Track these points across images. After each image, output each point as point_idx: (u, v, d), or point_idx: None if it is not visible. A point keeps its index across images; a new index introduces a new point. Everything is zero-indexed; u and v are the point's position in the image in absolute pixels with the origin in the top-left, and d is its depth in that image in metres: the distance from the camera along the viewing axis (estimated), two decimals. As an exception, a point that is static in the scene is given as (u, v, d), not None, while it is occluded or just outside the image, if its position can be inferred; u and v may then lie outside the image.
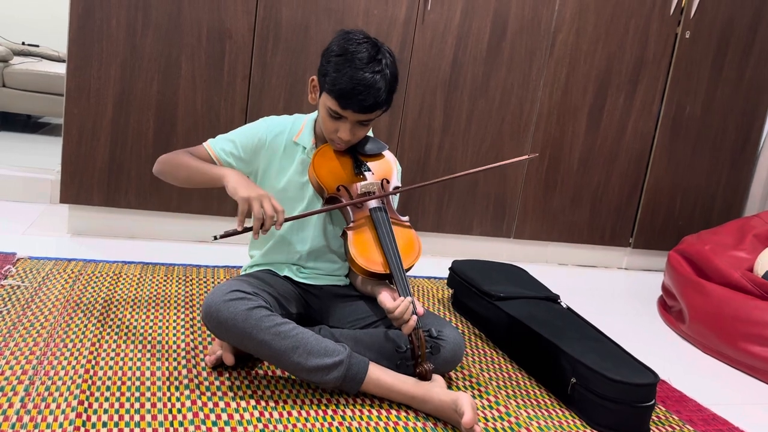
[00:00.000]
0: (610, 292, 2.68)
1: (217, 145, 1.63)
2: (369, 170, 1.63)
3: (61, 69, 3.94)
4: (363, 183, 1.59)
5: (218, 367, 1.51)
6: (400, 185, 1.67)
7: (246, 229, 1.41)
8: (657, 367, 1.63)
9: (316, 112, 1.69)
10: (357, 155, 1.64)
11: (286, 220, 1.47)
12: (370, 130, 1.72)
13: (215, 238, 1.41)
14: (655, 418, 1.60)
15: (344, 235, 1.55)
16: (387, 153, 1.70)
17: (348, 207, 1.57)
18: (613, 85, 2.77)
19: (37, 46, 4.56)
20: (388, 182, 1.64)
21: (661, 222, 3.01)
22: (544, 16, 2.62)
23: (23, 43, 4.51)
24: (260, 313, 1.39)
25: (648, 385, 1.49)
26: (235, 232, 1.40)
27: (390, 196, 1.64)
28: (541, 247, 2.92)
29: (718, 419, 1.66)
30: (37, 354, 1.46)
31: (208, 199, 2.42)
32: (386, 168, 1.66)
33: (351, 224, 1.56)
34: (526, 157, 1.66)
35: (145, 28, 2.24)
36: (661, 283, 2.57)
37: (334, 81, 1.47)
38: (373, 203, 1.58)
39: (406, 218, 1.63)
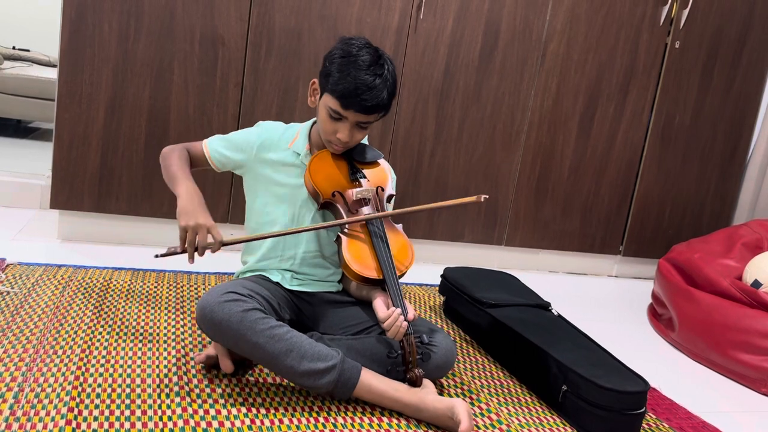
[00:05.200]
0: (601, 299, 2.69)
1: (212, 145, 1.69)
2: (364, 177, 1.64)
3: (51, 74, 3.92)
4: (358, 189, 1.61)
5: (210, 372, 1.51)
6: (394, 193, 1.69)
7: (182, 251, 1.45)
8: (647, 374, 1.64)
9: (311, 120, 1.70)
10: (353, 162, 1.66)
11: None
12: (365, 138, 1.73)
13: (156, 256, 1.47)
14: (646, 426, 1.60)
15: (338, 240, 1.56)
16: (382, 161, 1.72)
17: (343, 212, 1.57)
18: (603, 94, 2.80)
19: (28, 50, 4.54)
20: (383, 190, 1.65)
21: (651, 230, 3.03)
22: (535, 26, 2.64)
23: (14, 48, 4.49)
24: (255, 315, 1.40)
25: (638, 393, 1.50)
26: (175, 252, 1.45)
27: (384, 204, 1.66)
28: (532, 254, 2.93)
29: (708, 427, 1.67)
30: (26, 360, 1.45)
31: (200, 206, 2.41)
32: (381, 176, 1.68)
33: (345, 230, 1.56)
34: (474, 198, 1.53)
35: (138, 34, 2.24)
36: (651, 290, 2.58)
37: (338, 81, 1.50)
38: (367, 209, 1.59)
39: (400, 226, 1.64)
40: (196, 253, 1.44)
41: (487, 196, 1.57)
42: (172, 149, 1.67)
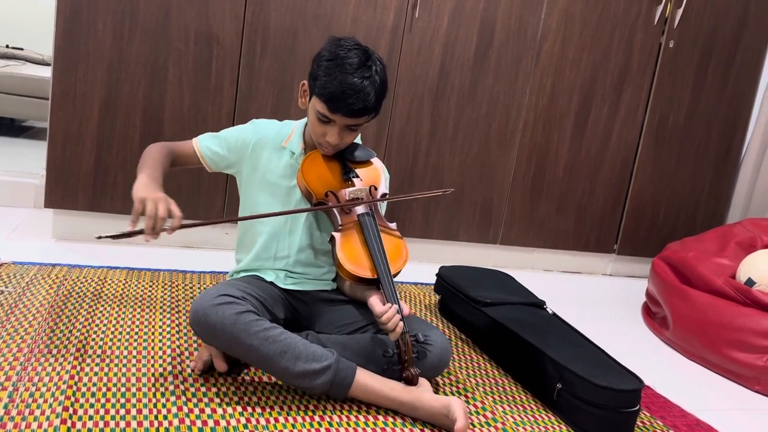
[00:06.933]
0: (595, 298, 2.70)
1: (203, 142, 1.68)
2: (357, 176, 1.64)
3: (45, 72, 3.91)
4: (351, 189, 1.60)
5: (205, 373, 1.50)
6: (387, 192, 1.69)
7: (136, 232, 1.35)
8: (641, 372, 1.64)
9: (306, 118, 1.70)
10: (346, 162, 1.65)
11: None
12: (359, 138, 1.72)
13: (99, 237, 1.34)
14: (640, 424, 1.61)
15: (332, 239, 1.56)
16: (375, 160, 1.71)
17: (336, 211, 1.57)
18: (598, 93, 2.80)
19: (22, 49, 4.52)
20: (376, 189, 1.65)
21: (646, 229, 3.04)
22: (530, 25, 2.64)
23: (7, 46, 4.47)
24: (248, 317, 1.39)
25: (633, 391, 1.51)
26: (123, 234, 1.35)
27: (377, 203, 1.65)
28: (527, 253, 2.93)
29: (702, 425, 1.68)
30: (21, 360, 1.44)
31: (194, 204, 2.41)
32: (374, 175, 1.67)
33: (339, 229, 1.56)
34: (441, 192, 1.70)
35: (132, 32, 2.23)
36: (645, 289, 2.59)
37: (324, 85, 1.49)
38: (360, 209, 1.59)
39: (394, 224, 1.64)
40: (151, 234, 1.34)
41: (453, 189, 1.68)
42: (153, 146, 1.63)
